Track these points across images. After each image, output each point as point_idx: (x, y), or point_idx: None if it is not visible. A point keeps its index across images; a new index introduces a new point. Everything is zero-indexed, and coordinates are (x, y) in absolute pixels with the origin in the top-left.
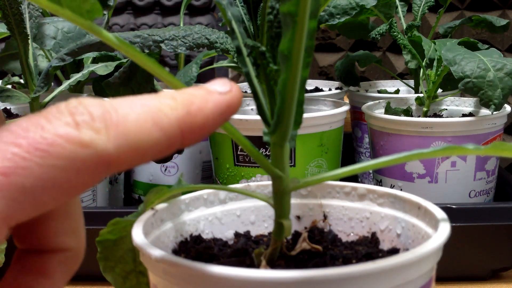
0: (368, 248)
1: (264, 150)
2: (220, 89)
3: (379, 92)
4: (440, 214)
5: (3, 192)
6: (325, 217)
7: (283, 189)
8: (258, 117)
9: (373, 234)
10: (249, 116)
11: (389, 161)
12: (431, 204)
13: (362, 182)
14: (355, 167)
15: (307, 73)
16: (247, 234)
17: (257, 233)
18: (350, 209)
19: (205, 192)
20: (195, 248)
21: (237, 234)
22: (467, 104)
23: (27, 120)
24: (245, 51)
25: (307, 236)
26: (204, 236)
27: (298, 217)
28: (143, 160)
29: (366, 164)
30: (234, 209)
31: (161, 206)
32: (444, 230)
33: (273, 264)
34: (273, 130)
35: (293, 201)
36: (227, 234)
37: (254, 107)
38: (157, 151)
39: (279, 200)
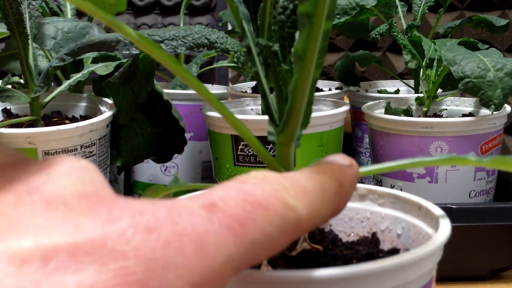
0: (369, 248)
1: None
2: (346, 163)
3: (379, 92)
4: (441, 214)
5: (241, 240)
6: None
7: None
8: (258, 117)
9: (374, 234)
10: (249, 116)
11: (390, 167)
12: (432, 205)
13: (362, 182)
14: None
15: (319, 74)
16: None
17: None
18: (350, 209)
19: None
20: None
21: None
22: (467, 104)
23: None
24: (255, 51)
25: (308, 236)
26: None
27: None
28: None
29: (368, 168)
30: None
31: None
32: (444, 230)
33: (274, 264)
34: (281, 129)
35: None
36: None
37: (254, 107)
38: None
39: None
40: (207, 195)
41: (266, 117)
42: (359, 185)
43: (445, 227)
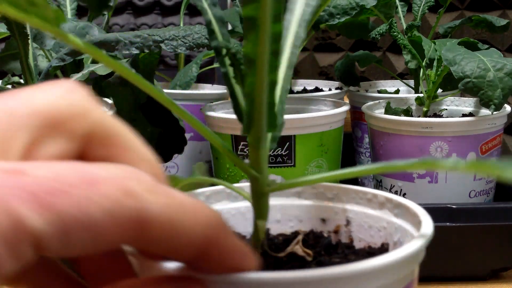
0: (364, 258)
1: None
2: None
3: (379, 92)
4: (424, 219)
5: (46, 210)
6: (347, 222)
7: (260, 190)
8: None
9: (383, 245)
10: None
11: (353, 173)
12: (424, 216)
13: (362, 182)
14: (332, 174)
15: (276, 76)
16: (265, 232)
17: (279, 231)
18: (371, 216)
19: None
20: None
21: None
22: (467, 104)
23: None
24: (223, 52)
25: (302, 240)
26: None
27: (323, 220)
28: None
29: (326, 175)
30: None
31: None
32: (426, 231)
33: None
34: (246, 131)
35: (319, 203)
36: (250, 230)
37: None
38: (183, 230)
39: (257, 201)
40: (21, 162)
41: None
42: (377, 191)
43: (426, 230)
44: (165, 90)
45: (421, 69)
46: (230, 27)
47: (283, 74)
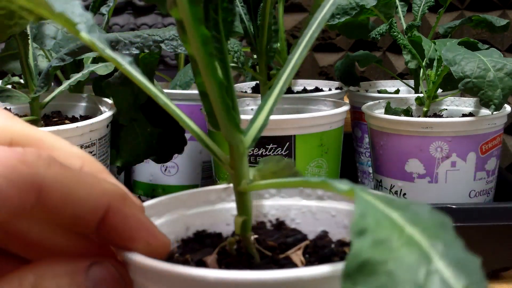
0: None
1: (264, 150)
2: None
3: (379, 92)
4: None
5: None
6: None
7: (236, 187)
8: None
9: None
10: (249, 116)
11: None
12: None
13: (362, 182)
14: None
15: (219, 78)
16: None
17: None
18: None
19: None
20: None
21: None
22: (467, 104)
23: None
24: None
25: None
26: (291, 225)
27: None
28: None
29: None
30: (329, 208)
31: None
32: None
33: (221, 262)
34: (214, 128)
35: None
36: (319, 230)
37: (254, 107)
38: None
39: (236, 197)
40: None
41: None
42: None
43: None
44: (165, 90)
45: (421, 69)
46: None
47: (286, 74)
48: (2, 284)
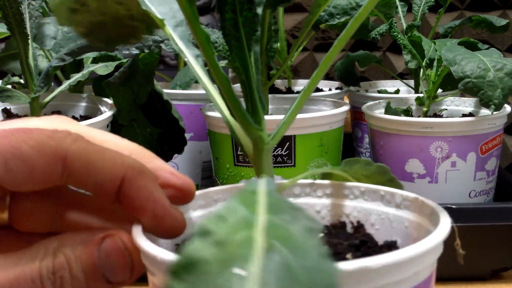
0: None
1: None
2: None
3: (379, 92)
4: (442, 215)
5: None
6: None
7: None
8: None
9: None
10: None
11: None
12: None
13: None
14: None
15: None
16: None
17: None
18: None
19: (382, 188)
20: None
21: None
22: (467, 104)
23: None
24: None
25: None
26: (370, 230)
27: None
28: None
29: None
30: (404, 219)
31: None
32: (443, 228)
33: None
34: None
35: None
36: (394, 239)
37: None
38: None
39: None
40: None
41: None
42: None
43: (442, 228)
44: (165, 90)
45: (421, 69)
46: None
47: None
48: (35, 245)
